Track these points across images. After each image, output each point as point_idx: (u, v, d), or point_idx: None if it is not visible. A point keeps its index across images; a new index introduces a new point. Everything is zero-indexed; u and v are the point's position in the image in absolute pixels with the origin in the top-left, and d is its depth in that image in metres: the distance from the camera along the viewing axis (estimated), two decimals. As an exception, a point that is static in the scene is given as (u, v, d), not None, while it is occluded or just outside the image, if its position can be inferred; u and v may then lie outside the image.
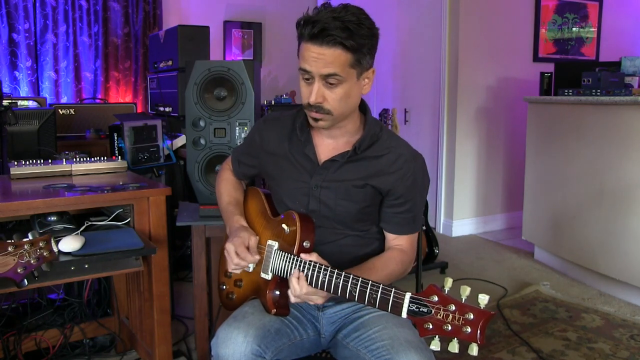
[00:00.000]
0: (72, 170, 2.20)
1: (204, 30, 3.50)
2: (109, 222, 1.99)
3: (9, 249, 1.29)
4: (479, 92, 4.28)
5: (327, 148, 1.43)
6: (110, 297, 2.41)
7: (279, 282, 1.33)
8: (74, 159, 2.24)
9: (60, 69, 4.57)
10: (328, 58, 1.25)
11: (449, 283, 1.07)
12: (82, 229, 1.86)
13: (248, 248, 1.37)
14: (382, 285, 1.15)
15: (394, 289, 1.13)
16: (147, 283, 2.03)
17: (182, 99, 3.26)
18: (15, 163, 2.16)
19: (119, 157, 2.37)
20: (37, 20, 4.44)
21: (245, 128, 2.00)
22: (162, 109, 3.63)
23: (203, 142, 2.02)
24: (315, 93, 1.29)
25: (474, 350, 1.03)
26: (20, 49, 4.39)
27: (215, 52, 5.12)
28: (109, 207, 2.06)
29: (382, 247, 1.49)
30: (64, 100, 4.55)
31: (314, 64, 1.26)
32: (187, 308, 2.75)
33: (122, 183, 2.02)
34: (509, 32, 4.32)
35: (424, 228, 3.35)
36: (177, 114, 3.39)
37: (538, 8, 4.41)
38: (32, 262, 1.31)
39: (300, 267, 1.26)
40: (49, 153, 2.53)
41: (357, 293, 1.18)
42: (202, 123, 2.01)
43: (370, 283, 1.16)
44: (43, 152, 2.58)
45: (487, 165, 4.41)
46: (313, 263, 1.24)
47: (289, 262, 1.30)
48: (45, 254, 1.34)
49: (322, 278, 1.22)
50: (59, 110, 3.90)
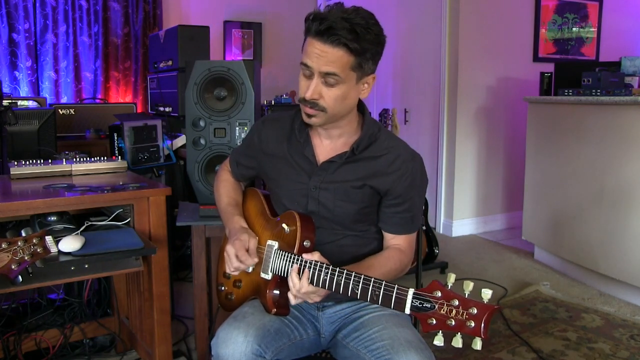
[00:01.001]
0: (72, 170, 2.20)
1: (204, 30, 3.51)
2: (109, 222, 1.99)
3: (3, 246, 1.29)
4: (479, 92, 4.28)
5: (325, 149, 1.43)
6: (110, 297, 2.41)
7: (279, 282, 1.33)
8: (74, 159, 2.24)
9: (60, 69, 4.56)
10: (330, 57, 1.25)
11: (452, 279, 1.07)
12: (82, 229, 1.86)
13: (248, 250, 1.37)
14: (384, 282, 1.15)
15: (397, 286, 1.13)
16: (147, 283, 2.03)
17: (182, 99, 3.26)
18: (15, 163, 2.16)
19: (119, 157, 2.37)
20: (37, 20, 4.44)
21: (245, 128, 2.00)
22: (162, 109, 3.63)
23: (203, 142, 2.02)
24: (313, 89, 1.29)
25: (478, 345, 1.03)
26: (20, 49, 4.39)
27: (215, 52, 5.12)
28: (109, 207, 2.06)
29: (381, 246, 1.49)
30: (64, 100, 4.55)
31: (316, 60, 1.26)
32: (187, 308, 2.75)
33: (122, 183, 2.02)
34: (509, 32, 4.32)
35: (424, 228, 3.34)
36: (177, 114, 3.39)
37: (538, 8, 4.41)
38: (26, 258, 1.32)
39: (300, 265, 1.26)
40: (49, 153, 2.53)
41: (359, 290, 1.17)
42: (202, 123, 2.01)
43: (373, 280, 1.16)
44: (43, 152, 2.58)
45: (487, 165, 4.41)
46: (314, 262, 1.24)
47: (289, 261, 1.30)
48: (39, 251, 1.34)
49: (323, 276, 1.22)
50: (59, 110, 3.91)
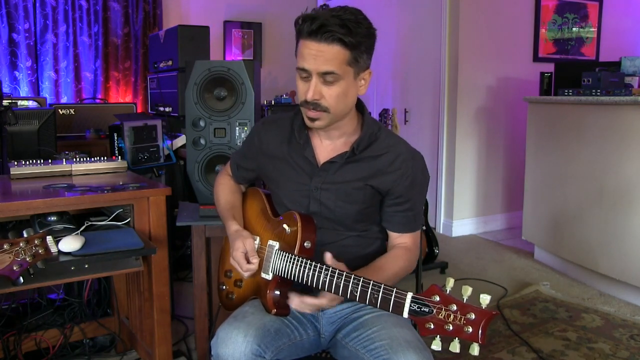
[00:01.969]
0: (72, 170, 2.20)
1: (204, 30, 3.51)
2: (109, 222, 1.99)
3: (5, 247, 1.29)
4: (479, 92, 4.28)
5: (325, 149, 1.43)
6: (110, 297, 2.41)
7: (280, 282, 1.33)
8: (74, 159, 2.24)
9: (60, 69, 4.57)
10: (327, 55, 1.25)
11: (451, 283, 1.07)
12: (82, 229, 1.86)
13: (246, 256, 1.38)
14: (383, 285, 1.14)
15: (396, 289, 1.13)
16: (147, 283, 2.03)
17: (182, 99, 3.26)
18: (15, 163, 2.16)
19: (119, 157, 2.37)
20: (37, 20, 4.44)
21: (245, 128, 2.00)
22: (162, 109, 3.63)
23: (203, 142, 2.02)
24: (313, 89, 1.29)
25: (475, 350, 1.03)
26: (20, 49, 4.40)
27: (215, 52, 5.12)
28: (109, 207, 2.06)
29: (383, 245, 1.49)
30: (64, 100, 4.55)
31: (312, 61, 1.26)
32: (187, 308, 2.75)
33: (122, 183, 2.02)
34: (509, 32, 4.32)
35: (424, 228, 3.34)
36: (177, 114, 3.39)
37: (538, 8, 4.41)
38: (27, 259, 1.32)
39: (300, 266, 1.26)
40: (49, 153, 2.53)
41: (358, 293, 1.17)
42: (202, 123, 2.01)
43: (372, 283, 1.16)
44: (43, 152, 2.58)
45: (487, 165, 4.41)
46: (313, 264, 1.24)
47: (290, 262, 1.30)
48: (41, 252, 1.34)
49: (322, 278, 1.22)
50: (59, 110, 3.91)
